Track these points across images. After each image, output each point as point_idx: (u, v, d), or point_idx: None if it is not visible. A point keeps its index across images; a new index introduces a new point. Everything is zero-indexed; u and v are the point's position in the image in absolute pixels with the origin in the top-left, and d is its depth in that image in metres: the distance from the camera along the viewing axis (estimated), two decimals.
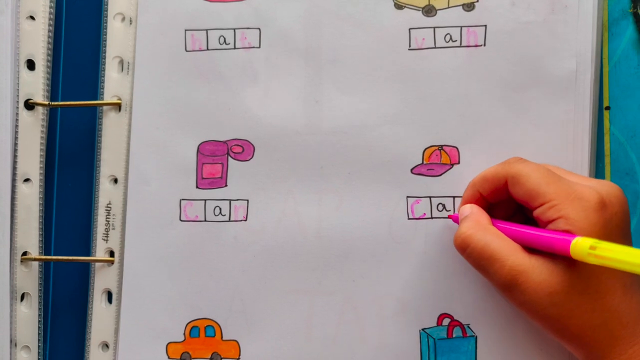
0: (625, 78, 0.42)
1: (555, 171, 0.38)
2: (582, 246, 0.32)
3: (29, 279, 0.46)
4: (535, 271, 0.35)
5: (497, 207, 0.41)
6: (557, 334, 0.36)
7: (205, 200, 0.44)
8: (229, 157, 0.44)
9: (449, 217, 0.42)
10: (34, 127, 0.45)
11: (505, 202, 0.40)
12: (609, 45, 0.42)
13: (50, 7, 0.46)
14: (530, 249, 0.36)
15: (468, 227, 0.38)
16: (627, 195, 0.41)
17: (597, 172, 0.42)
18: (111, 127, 0.45)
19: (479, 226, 0.37)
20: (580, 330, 0.35)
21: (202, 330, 0.44)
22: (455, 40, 0.43)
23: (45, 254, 0.46)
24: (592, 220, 0.34)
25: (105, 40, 0.45)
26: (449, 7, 0.43)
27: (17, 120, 0.45)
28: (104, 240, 0.45)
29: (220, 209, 0.44)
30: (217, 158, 0.44)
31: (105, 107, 0.45)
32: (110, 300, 0.45)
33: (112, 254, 0.45)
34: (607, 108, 0.42)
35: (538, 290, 0.35)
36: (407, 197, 0.43)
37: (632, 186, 0.42)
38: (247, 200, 0.44)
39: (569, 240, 0.33)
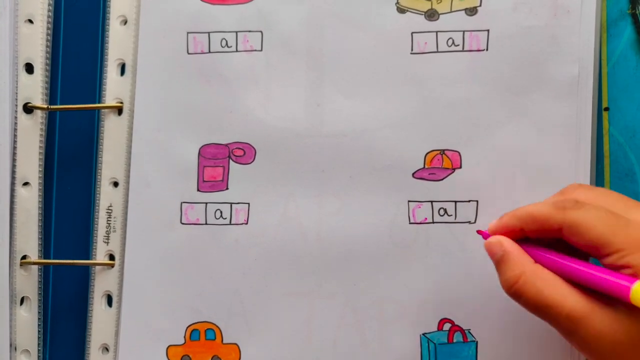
0: (624, 79, 0.42)
1: (618, 203, 0.34)
2: None
3: (29, 282, 0.45)
4: (597, 318, 0.31)
5: None
6: None
7: (206, 203, 0.44)
8: (230, 160, 0.44)
9: (478, 232, 0.39)
10: (32, 130, 0.45)
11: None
12: (607, 46, 0.42)
13: (49, 11, 0.45)
14: (587, 289, 0.32)
15: (516, 275, 0.34)
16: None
17: (597, 173, 0.42)
18: (112, 130, 0.45)
19: (524, 271, 0.34)
20: None
21: (202, 333, 0.44)
22: (458, 45, 0.43)
23: (44, 258, 0.46)
24: None
25: (107, 43, 0.45)
26: (451, 12, 0.43)
27: (15, 123, 0.45)
28: (105, 242, 0.45)
29: (221, 212, 0.44)
30: (218, 161, 0.44)
31: (105, 110, 0.45)
32: (110, 303, 0.45)
33: (112, 257, 0.45)
34: (606, 109, 0.42)
35: (600, 339, 0.31)
36: (409, 201, 0.43)
37: (632, 187, 0.42)
38: (248, 204, 0.44)
39: (629, 286, 0.30)
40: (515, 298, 0.34)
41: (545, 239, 0.35)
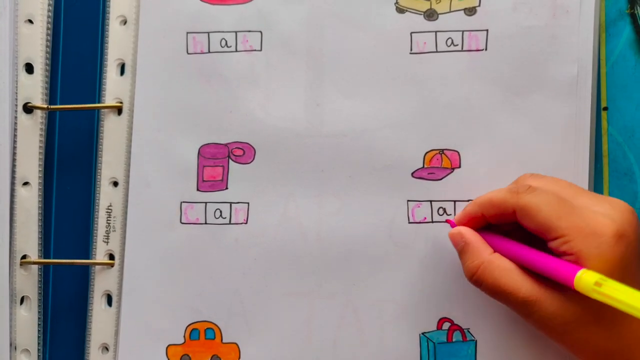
0: (622, 79, 0.42)
1: (567, 190, 0.37)
2: (587, 281, 0.31)
3: (29, 282, 0.45)
4: (547, 301, 0.34)
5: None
6: (578, 357, 0.36)
7: (205, 202, 0.44)
8: (230, 160, 0.44)
9: (447, 221, 0.42)
10: (32, 130, 0.45)
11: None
12: (606, 46, 0.42)
13: (49, 11, 0.45)
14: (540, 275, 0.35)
15: (475, 265, 0.37)
16: (625, 196, 0.42)
17: (596, 173, 0.42)
18: (112, 130, 0.45)
19: (483, 261, 0.37)
20: (598, 355, 0.34)
21: (202, 333, 0.44)
22: (457, 45, 0.43)
23: (44, 258, 0.46)
24: (606, 257, 0.33)
25: (106, 43, 0.45)
26: (450, 12, 0.43)
27: (15, 123, 0.45)
28: (105, 242, 0.45)
29: (220, 211, 0.44)
30: (218, 161, 0.44)
31: (105, 110, 0.45)
32: (110, 303, 0.45)
33: (111, 256, 0.45)
34: (605, 109, 0.43)
35: (552, 320, 0.34)
36: (408, 200, 0.43)
37: (630, 187, 0.42)
38: (248, 203, 0.44)
39: (574, 273, 0.32)
40: (477, 285, 0.37)
41: (509, 227, 0.39)
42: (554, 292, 0.34)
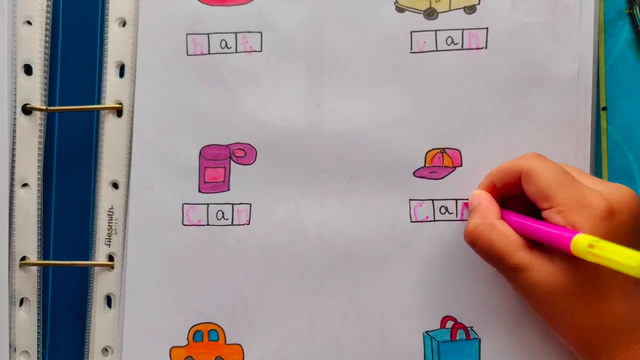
0: (621, 78, 0.42)
1: (572, 172, 0.38)
2: (582, 244, 0.32)
3: (28, 283, 0.45)
4: (536, 269, 0.36)
5: (511, 201, 0.41)
6: (553, 329, 0.37)
7: (207, 204, 0.44)
8: (231, 161, 0.44)
9: (464, 204, 0.42)
10: (31, 132, 0.45)
11: (520, 198, 0.39)
12: (605, 46, 0.43)
13: (47, 12, 0.45)
14: (536, 245, 0.37)
15: (475, 223, 0.38)
16: None
17: (595, 172, 0.43)
18: (112, 132, 0.45)
19: (485, 221, 0.38)
20: (572, 329, 0.36)
21: (205, 335, 0.44)
22: (457, 43, 0.43)
23: (43, 259, 0.45)
24: (597, 229, 0.34)
25: (105, 45, 0.45)
26: (450, 10, 0.43)
27: (14, 125, 0.45)
28: (107, 245, 0.45)
29: (222, 213, 0.44)
30: (219, 162, 0.44)
31: (105, 112, 0.45)
32: (110, 305, 0.45)
33: (111, 259, 0.45)
34: (604, 109, 0.43)
35: (536, 288, 0.36)
36: (410, 200, 0.43)
37: (630, 186, 0.42)
38: (250, 204, 0.44)
39: (570, 237, 0.33)
40: (471, 244, 0.39)
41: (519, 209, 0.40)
42: (543, 261, 0.36)
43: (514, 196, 0.40)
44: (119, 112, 0.45)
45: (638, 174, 0.42)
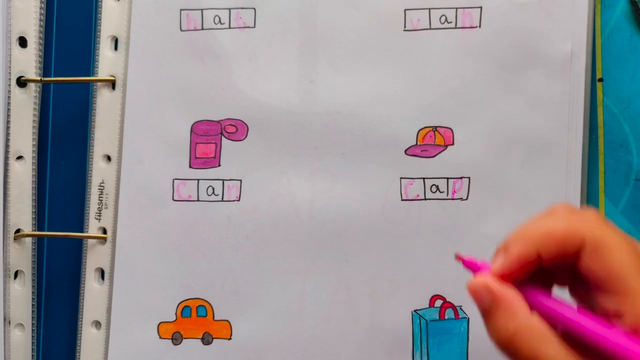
0: (618, 49, 0.42)
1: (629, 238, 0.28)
2: None
3: (22, 256, 0.46)
4: None
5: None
6: None
7: (198, 180, 0.44)
8: (223, 137, 0.44)
9: (460, 258, 0.32)
10: (26, 104, 0.45)
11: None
12: (601, 17, 0.42)
13: None
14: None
15: (507, 331, 0.28)
16: (620, 166, 0.41)
17: (591, 144, 0.42)
18: (105, 105, 0.45)
19: (519, 325, 0.28)
20: None
21: (193, 310, 0.44)
22: (451, 22, 0.43)
23: (38, 232, 0.46)
24: None
25: (100, 19, 0.45)
26: None
27: (9, 97, 0.45)
28: (97, 219, 0.45)
29: (213, 188, 0.44)
30: (210, 138, 0.44)
31: (99, 85, 0.45)
32: (103, 278, 0.45)
33: (104, 232, 0.45)
34: (600, 80, 0.42)
35: None
36: (401, 178, 0.43)
37: (626, 157, 0.42)
38: (240, 180, 0.44)
39: None
40: (507, 353, 0.28)
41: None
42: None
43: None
44: (113, 86, 0.45)
45: (634, 144, 0.41)
